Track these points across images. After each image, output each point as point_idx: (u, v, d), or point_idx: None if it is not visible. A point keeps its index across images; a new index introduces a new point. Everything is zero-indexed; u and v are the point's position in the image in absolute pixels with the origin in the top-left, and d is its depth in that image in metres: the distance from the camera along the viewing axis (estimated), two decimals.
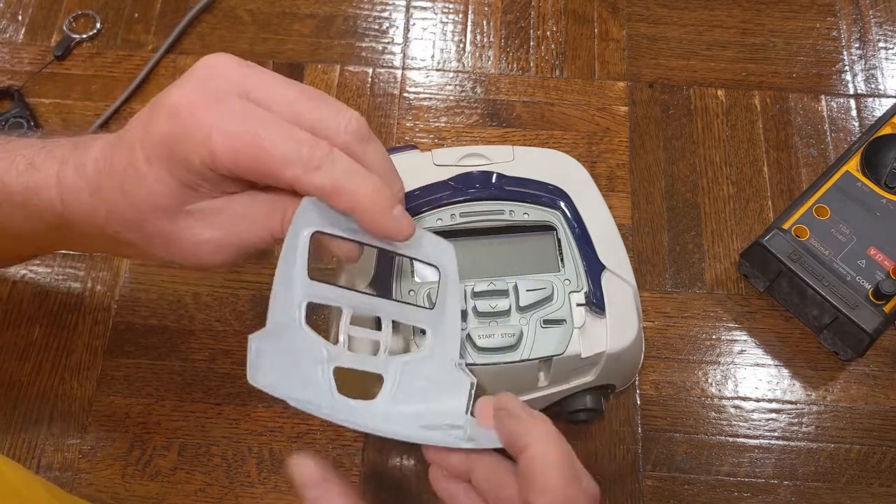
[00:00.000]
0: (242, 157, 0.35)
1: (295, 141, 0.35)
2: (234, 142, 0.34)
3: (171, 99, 0.35)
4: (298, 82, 0.38)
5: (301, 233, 0.37)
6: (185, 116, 0.35)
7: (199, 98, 0.35)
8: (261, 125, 0.35)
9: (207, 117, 0.34)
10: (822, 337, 0.54)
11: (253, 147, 0.34)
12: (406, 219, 0.37)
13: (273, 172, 0.35)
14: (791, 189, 0.60)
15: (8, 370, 0.52)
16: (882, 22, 0.67)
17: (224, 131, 0.34)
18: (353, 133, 0.36)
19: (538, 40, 0.66)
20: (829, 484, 0.51)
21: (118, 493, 0.49)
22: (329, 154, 0.35)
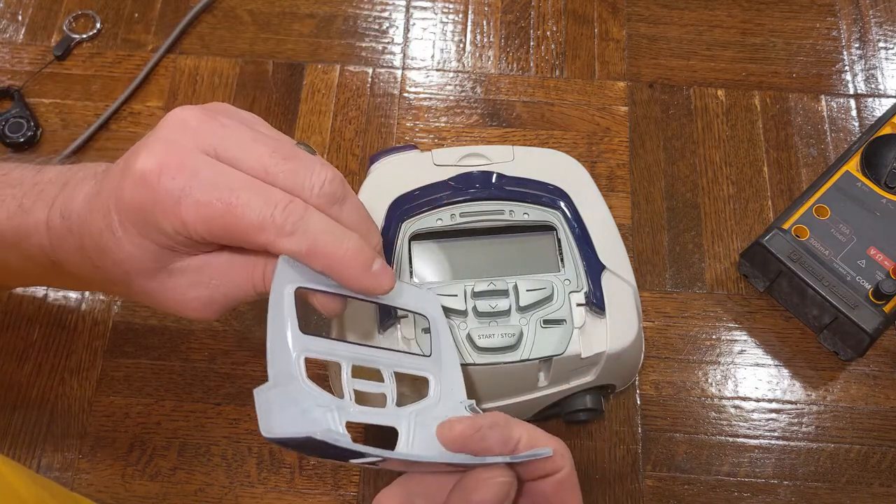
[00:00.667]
0: (214, 224, 0.34)
1: (267, 205, 0.34)
2: (205, 210, 0.33)
3: (138, 164, 0.34)
4: (269, 134, 0.37)
5: (284, 290, 0.36)
6: (153, 185, 0.34)
7: (167, 163, 0.34)
8: (230, 190, 0.34)
9: (175, 185, 0.33)
10: (822, 337, 0.54)
11: (224, 214, 0.34)
12: (385, 274, 0.36)
13: (246, 238, 0.34)
14: (791, 189, 0.60)
15: (8, 371, 0.52)
16: (882, 22, 0.67)
17: (193, 199, 0.33)
18: (328, 196, 0.35)
19: (538, 40, 0.66)
20: (829, 484, 0.51)
21: (118, 493, 0.49)
22: (302, 217, 0.34)
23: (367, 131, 0.61)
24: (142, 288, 0.37)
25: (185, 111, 0.36)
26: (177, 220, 0.34)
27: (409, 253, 0.46)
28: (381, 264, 0.36)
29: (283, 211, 0.34)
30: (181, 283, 0.37)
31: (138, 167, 0.34)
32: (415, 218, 0.47)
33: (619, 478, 0.50)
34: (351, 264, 0.35)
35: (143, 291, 0.38)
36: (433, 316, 0.41)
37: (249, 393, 0.52)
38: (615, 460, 0.51)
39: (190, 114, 0.35)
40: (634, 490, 0.50)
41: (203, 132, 0.35)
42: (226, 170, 0.34)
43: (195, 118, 0.35)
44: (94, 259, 0.37)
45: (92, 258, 0.37)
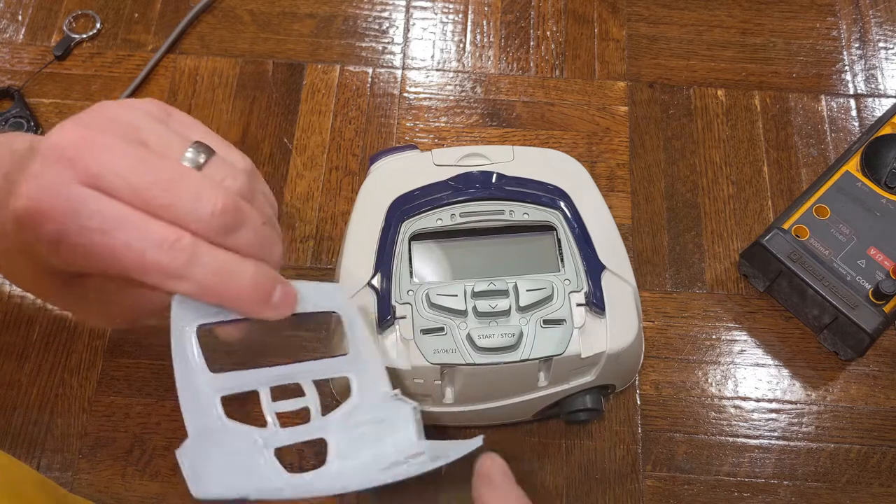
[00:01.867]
0: (97, 264, 0.32)
1: (149, 246, 0.31)
2: (84, 251, 0.31)
3: (16, 206, 0.32)
4: (157, 148, 0.33)
5: (183, 334, 0.34)
6: (31, 228, 0.32)
7: (41, 205, 0.31)
8: (109, 231, 0.31)
9: (52, 229, 0.31)
10: (822, 337, 0.54)
11: (104, 256, 0.31)
12: (285, 303, 0.34)
13: (133, 278, 0.32)
14: (791, 189, 0.60)
15: (8, 370, 0.52)
16: (882, 22, 0.67)
17: (71, 243, 0.31)
18: (217, 227, 0.32)
19: (538, 40, 0.66)
20: (829, 484, 0.51)
21: (118, 493, 0.49)
22: (189, 259, 0.31)
23: (367, 131, 0.61)
24: (50, 293, 0.37)
25: (65, 132, 0.32)
26: (60, 259, 0.32)
27: (409, 253, 0.46)
28: (281, 293, 0.34)
29: (167, 252, 0.31)
30: (82, 300, 0.36)
31: (15, 208, 0.32)
32: (415, 218, 0.47)
33: (619, 478, 0.50)
34: (248, 299, 0.33)
35: (52, 297, 0.37)
36: (345, 312, 0.39)
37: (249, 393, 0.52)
38: (615, 460, 0.51)
39: (69, 137, 0.32)
40: (634, 490, 0.50)
41: (82, 160, 0.31)
42: (105, 205, 0.31)
43: (73, 144, 0.32)
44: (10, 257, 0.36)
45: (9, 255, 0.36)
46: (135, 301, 0.37)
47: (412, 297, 0.45)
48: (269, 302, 0.34)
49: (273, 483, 0.34)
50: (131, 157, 0.32)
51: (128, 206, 0.31)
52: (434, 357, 0.43)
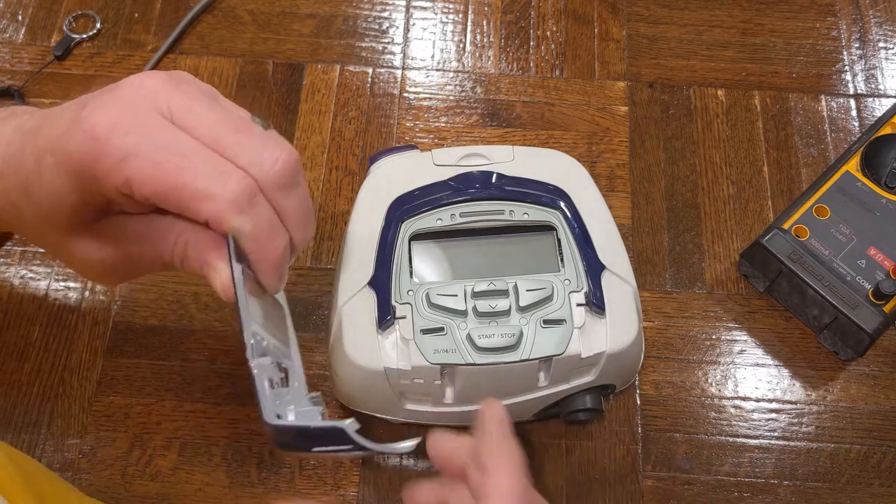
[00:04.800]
0: (160, 186, 0.32)
1: (220, 175, 0.33)
2: (153, 170, 0.32)
3: (91, 117, 0.33)
4: (231, 106, 0.36)
5: (238, 271, 0.35)
6: (102, 139, 0.32)
7: (120, 118, 0.33)
8: (183, 155, 0.32)
9: (127, 142, 0.32)
10: (822, 337, 0.54)
11: (172, 177, 0.32)
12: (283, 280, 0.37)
13: (189, 205, 0.33)
14: (791, 189, 0.60)
15: (8, 370, 0.52)
16: (882, 22, 0.67)
17: (143, 158, 0.32)
18: (276, 177, 0.34)
19: (538, 40, 0.66)
20: (829, 484, 0.51)
21: (118, 493, 0.49)
22: (253, 200, 0.33)
23: (367, 131, 0.61)
24: (50, 239, 0.37)
25: (146, 76, 0.34)
26: (120, 178, 0.32)
27: (409, 253, 0.46)
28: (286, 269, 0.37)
29: (236, 184, 0.32)
30: (90, 245, 0.37)
31: (90, 120, 0.33)
32: (415, 218, 0.47)
33: (619, 478, 0.50)
34: (274, 261, 0.35)
35: (50, 243, 0.37)
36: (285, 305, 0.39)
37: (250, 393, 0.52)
38: (615, 460, 0.51)
39: (150, 78, 0.34)
40: (634, 490, 0.50)
41: (161, 94, 0.33)
42: (180, 134, 0.33)
43: (154, 81, 0.34)
44: (11, 196, 0.36)
45: (10, 194, 0.36)
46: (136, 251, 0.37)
47: (412, 297, 0.45)
48: (279, 272, 0.36)
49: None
50: (206, 102, 0.34)
51: (200, 141, 0.33)
52: (434, 357, 0.43)
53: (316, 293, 0.55)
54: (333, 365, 0.47)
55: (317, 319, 0.54)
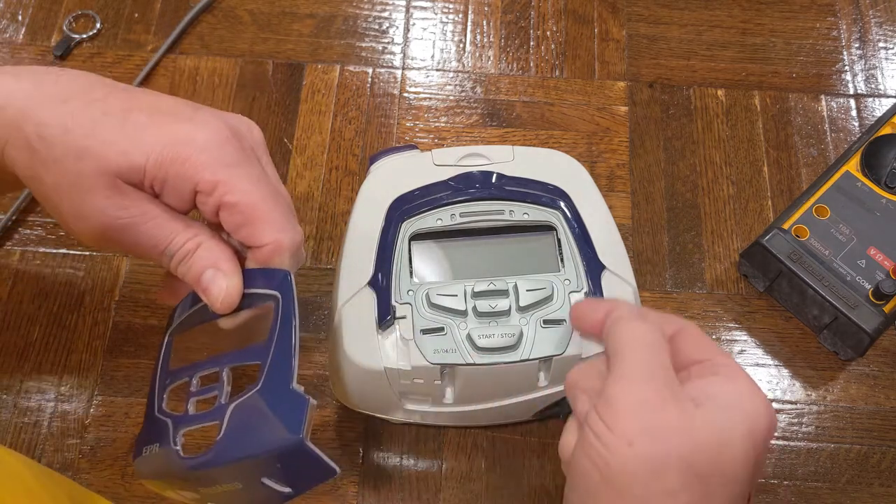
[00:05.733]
0: (250, 215, 0.37)
1: (293, 221, 0.39)
2: (249, 199, 0.37)
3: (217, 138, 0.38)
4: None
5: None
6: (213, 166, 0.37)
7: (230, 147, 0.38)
8: (275, 195, 0.38)
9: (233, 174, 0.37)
10: (822, 337, 0.54)
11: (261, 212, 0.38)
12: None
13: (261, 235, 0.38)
14: (791, 189, 0.60)
15: (8, 370, 0.52)
16: (882, 22, 0.67)
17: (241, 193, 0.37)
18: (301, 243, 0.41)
19: (538, 40, 0.66)
20: (829, 484, 0.51)
21: (118, 493, 0.49)
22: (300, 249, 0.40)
23: (367, 131, 0.61)
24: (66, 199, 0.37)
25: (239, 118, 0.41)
26: (216, 198, 0.37)
27: (409, 253, 0.46)
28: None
29: (299, 235, 0.39)
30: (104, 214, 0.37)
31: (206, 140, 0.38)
32: (415, 218, 0.47)
33: None
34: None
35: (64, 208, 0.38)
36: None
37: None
38: None
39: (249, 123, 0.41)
40: None
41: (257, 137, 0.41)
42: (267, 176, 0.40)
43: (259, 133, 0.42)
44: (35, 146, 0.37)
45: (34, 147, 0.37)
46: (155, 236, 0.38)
47: (412, 297, 0.45)
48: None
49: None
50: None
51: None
52: (434, 357, 0.43)
53: (316, 293, 0.55)
54: (333, 365, 0.47)
55: (317, 319, 0.54)
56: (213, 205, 0.37)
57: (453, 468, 0.50)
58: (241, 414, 0.35)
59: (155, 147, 0.36)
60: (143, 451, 0.38)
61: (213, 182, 0.37)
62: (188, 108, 0.38)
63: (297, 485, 0.36)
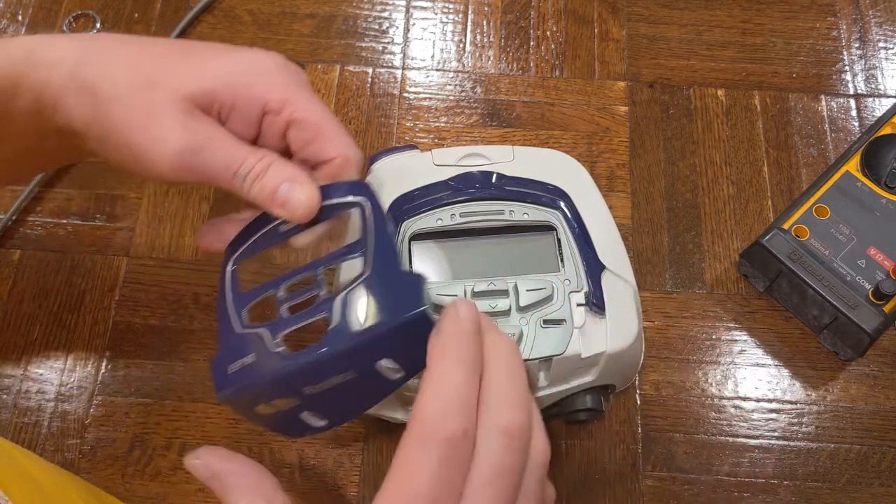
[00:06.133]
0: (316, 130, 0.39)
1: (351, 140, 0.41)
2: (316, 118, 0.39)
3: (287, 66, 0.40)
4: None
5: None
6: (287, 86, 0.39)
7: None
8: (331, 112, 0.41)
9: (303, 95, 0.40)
10: (822, 337, 0.54)
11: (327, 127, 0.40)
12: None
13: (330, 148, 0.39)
14: (791, 189, 0.60)
15: (8, 370, 0.52)
16: (882, 22, 0.67)
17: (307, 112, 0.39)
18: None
19: (538, 40, 0.66)
20: (829, 484, 0.51)
21: (118, 493, 0.49)
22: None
23: (367, 131, 0.61)
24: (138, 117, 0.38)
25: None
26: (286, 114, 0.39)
27: (409, 253, 0.46)
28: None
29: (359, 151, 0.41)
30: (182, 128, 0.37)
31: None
32: (415, 218, 0.47)
33: (619, 478, 0.50)
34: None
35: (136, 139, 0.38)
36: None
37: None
38: (615, 460, 0.51)
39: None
40: (634, 490, 0.50)
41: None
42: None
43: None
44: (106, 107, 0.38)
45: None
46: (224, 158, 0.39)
47: None
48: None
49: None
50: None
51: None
52: None
53: None
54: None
55: None
56: (282, 123, 0.39)
57: None
58: (353, 301, 0.35)
59: (222, 72, 0.38)
60: (228, 368, 0.37)
61: (282, 101, 0.38)
62: (236, 47, 0.41)
63: (411, 365, 0.35)
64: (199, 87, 0.38)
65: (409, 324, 0.33)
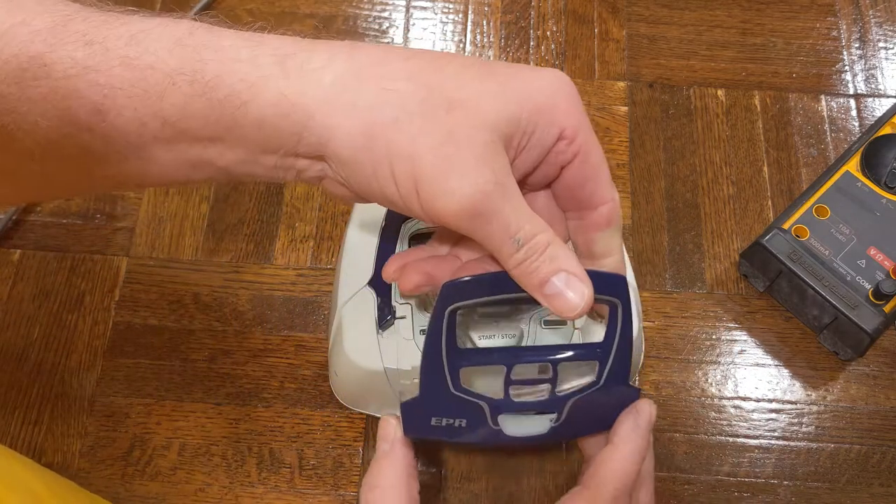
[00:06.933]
0: (590, 171, 0.34)
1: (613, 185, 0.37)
2: (591, 159, 0.34)
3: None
4: None
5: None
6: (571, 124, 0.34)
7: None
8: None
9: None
10: (822, 337, 0.54)
11: (596, 170, 0.35)
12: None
13: (600, 196, 0.35)
14: (791, 189, 0.60)
15: (8, 370, 0.52)
16: (882, 22, 0.67)
17: (588, 145, 0.34)
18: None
19: (538, 40, 0.66)
20: (829, 484, 0.51)
21: (118, 493, 0.49)
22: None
23: None
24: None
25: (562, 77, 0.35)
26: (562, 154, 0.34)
27: None
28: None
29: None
30: (483, 172, 0.31)
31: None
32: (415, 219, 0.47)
33: None
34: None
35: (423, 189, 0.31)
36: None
37: (249, 393, 0.52)
38: None
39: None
40: None
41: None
42: None
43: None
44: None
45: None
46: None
47: (412, 297, 0.45)
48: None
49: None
50: None
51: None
52: None
53: (316, 293, 0.55)
54: (333, 365, 0.47)
55: (317, 319, 0.54)
56: (569, 154, 0.34)
57: (453, 468, 0.50)
58: (581, 405, 0.38)
59: (527, 93, 0.32)
60: (432, 420, 0.38)
61: (576, 128, 0.33)
62: (533, 67, 0.36)
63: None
64: (506, 114, 0.31)
65: None
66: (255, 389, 0.52)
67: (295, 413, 0.51)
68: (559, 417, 0.38)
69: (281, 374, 0.52)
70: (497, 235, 0.32)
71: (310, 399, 0.52)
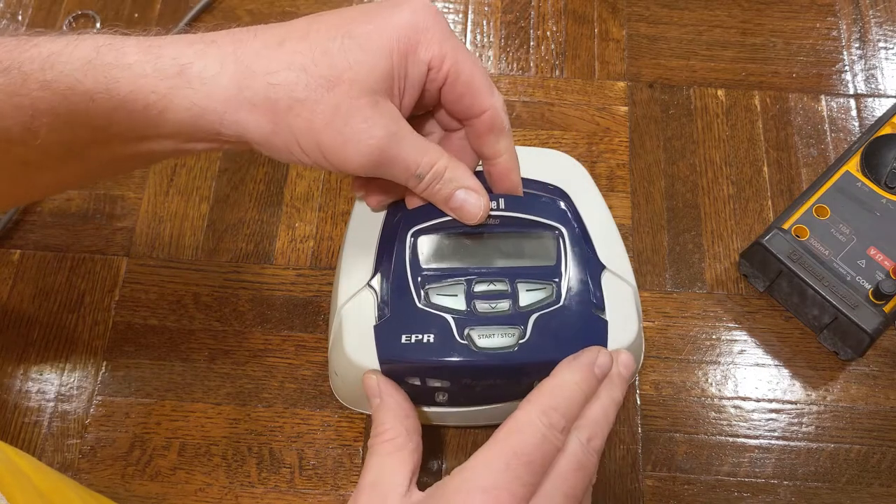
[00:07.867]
0: (468, 77, 0.39)
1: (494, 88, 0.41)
2: (466, 66, 0.39)
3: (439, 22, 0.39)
4: None
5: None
6: (440, 39, 0.38)
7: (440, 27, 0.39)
8: (476, 59, 0.40)
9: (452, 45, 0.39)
10: (822, 337, 0.54)
11: (475, 77, 0.39)
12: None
13: (481, 99, 0.39)
14: (791, 189, 0.60)
15: (8, 370, 0.52)
16: (882, 22, 0.67)
17: (460, 62, 0.39)
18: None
19: (538, 40, 0.66)
20: (829, 484, 0.51)
21: (118, 493, 0.49)
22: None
23: None
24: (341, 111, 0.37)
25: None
26: (438, 64, 0.39)
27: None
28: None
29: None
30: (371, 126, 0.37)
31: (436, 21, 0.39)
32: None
33: (619, 478, 0.50)
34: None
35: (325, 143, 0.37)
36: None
37: (249, 393, 0.52)
38: (615, 460, 0.51)
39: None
40: (634, 490, 0.50)
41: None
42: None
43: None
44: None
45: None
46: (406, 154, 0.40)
47: None
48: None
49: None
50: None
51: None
52: None
53: (316, 293, 0.55)
54: (333, 365, 0.47)
55: (317, 319, 0.54)
56: (441, 79, 0.38)
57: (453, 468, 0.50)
58: (545, 324, 0.41)
59: (388, 47, 0.37)
60: (402, 338, 0.40)
61: (441, 55, 0.38)
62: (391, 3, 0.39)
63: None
64: (380, 71, 0.36)
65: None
66: (255, 389, 0.52)
67: (295, 413, 0.51)
68: (525, 334, 0.41)
69: (281, 374, 0.52)
70: (402, 175, 0.39)
71: (310, 399, 0.52)
